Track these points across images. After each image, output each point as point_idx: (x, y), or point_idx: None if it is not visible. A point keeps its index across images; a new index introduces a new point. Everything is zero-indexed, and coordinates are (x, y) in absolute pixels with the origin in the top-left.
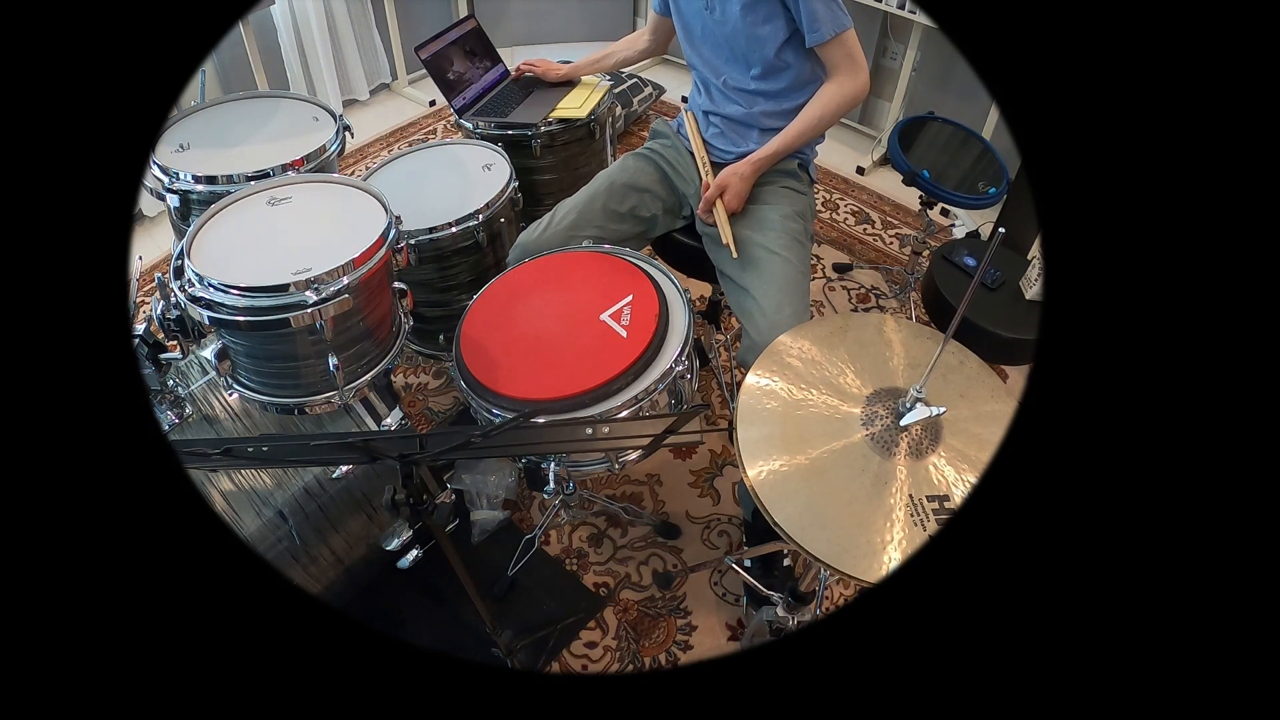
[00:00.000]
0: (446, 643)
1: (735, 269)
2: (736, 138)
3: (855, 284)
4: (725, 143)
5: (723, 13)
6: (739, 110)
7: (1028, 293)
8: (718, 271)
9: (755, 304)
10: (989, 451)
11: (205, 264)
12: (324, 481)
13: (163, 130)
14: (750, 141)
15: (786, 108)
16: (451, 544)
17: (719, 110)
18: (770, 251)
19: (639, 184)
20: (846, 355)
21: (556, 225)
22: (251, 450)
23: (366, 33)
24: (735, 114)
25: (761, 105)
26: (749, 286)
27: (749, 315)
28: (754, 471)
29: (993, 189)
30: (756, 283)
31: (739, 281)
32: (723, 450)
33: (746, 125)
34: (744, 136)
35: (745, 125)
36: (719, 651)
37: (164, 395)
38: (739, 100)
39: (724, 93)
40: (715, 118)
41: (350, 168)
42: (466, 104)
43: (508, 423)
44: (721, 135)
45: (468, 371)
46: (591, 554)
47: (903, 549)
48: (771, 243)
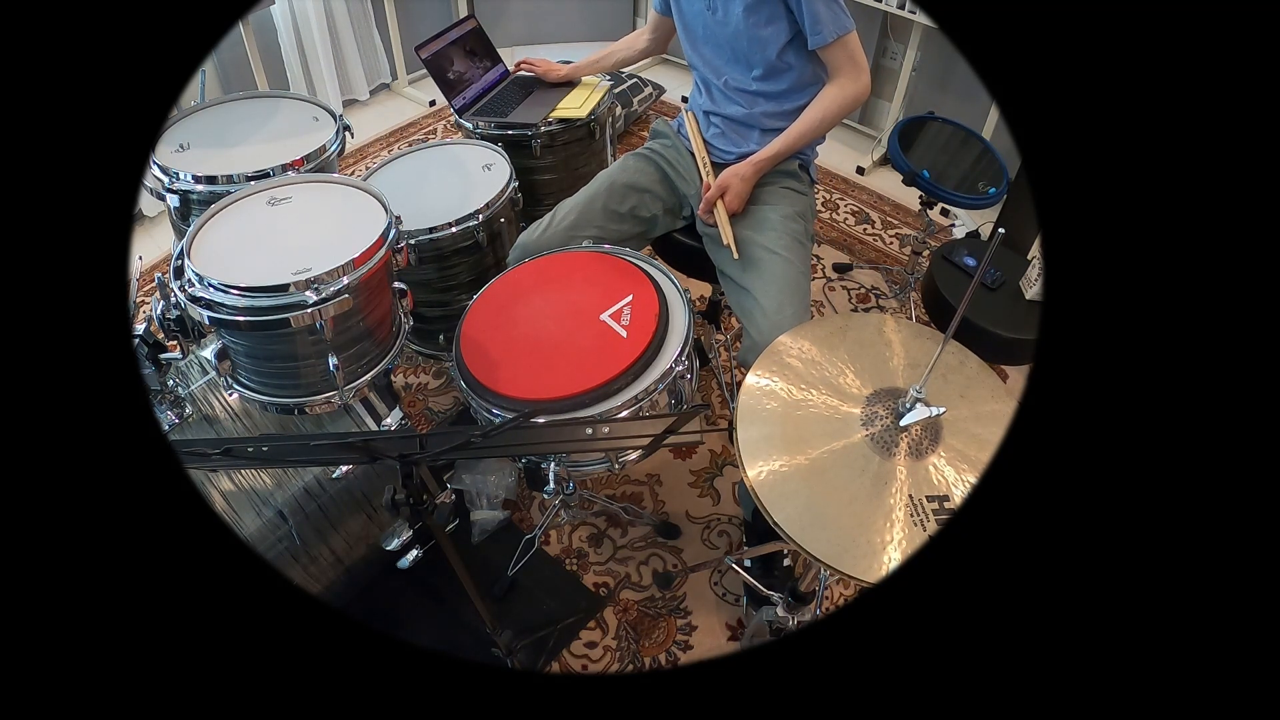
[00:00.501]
0: (446, 643)
1: (736, 269)
2: (737, 138)
3: (855, 284)
4: (726, 143)
5: (725, 14)
6: (740, 111)
7: (1028, 293)
8: (718, 272)
9: (756, 304)
10: (989, 452)
11: (205, 264)
12: (324, 481)
13: (163, 130)
14: (751, 142)
15: (788, 108)
16: (451, 544)
17: (720, 110)
18: (771, 252)
19: (639, 184)
20: (846, 355)
21: (557, 225)
22: (251, 450)
23: (366, 33)
24: (736, 114)
25: (763, 106)
26: (750, 287)
27: (750, 315)
28: (754, 472)
29: (993, 189)
30: (757, 283)
31: (740, 282)
32: (723, 450)
33: (747, 126)
34: (745, 137)
35: (746, 126)
36: (719, 651)
37: (164, 395)
38: (740, 101)
39: (725, 93)
40: (716, 118)
41: (350, 168)
42: (466, 104)
43: (508, 423)
44: (722, 135)
45: (468, 371)
46: (591, 554)
47: (903, 549)
48: (772, 243)
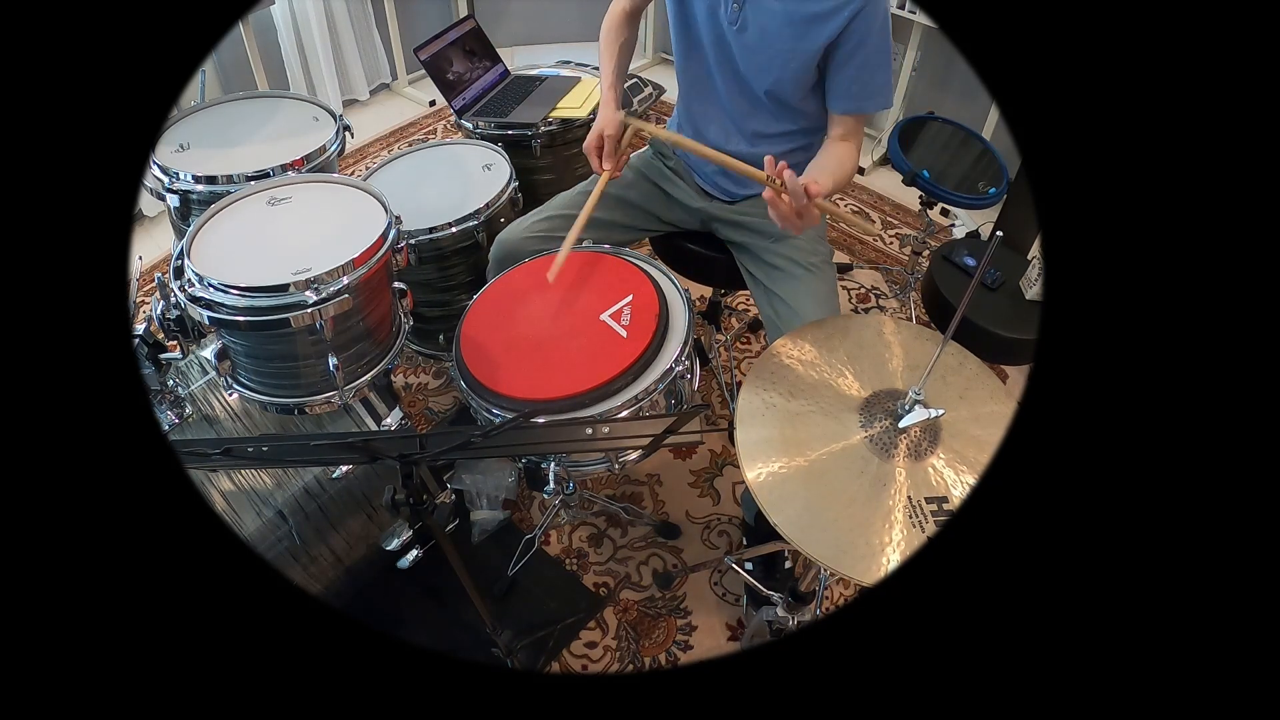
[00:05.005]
0: (446, 643)
1: (770, 278)
2: (742, 177)
3: (855, 284)
4: (731, 184)
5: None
6: (745, 149)
7: (1028, 293)
8: (745, 276)
9: (792, 312)
10: (988, 453)
11: (205, 264)
12: (324, 481)
13: (163, 130)
14: (756, 181)
15: (791, 148)
16: (451, 544)
17: (725, 148)
18: (801, 265)
19: (629, 199)
20: (846, 357)
21: (541, 227)
22: (251, 450)
23: (366, 33)
24: (742, 152)
25: (765, 147)
26: (786, 296)
27: (787, 324)
28: (753, 473)
29: (993, 189)
30: (794, 292)
31: (776, 290)
32: (723, 450)
33: (752, 163)
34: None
35: (751, 163)
36: (719, 651)
37: (164, 395)
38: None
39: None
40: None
41: (350, 168)
42: (466, 104)
43: (508, 423)
44: (724, 174)
45: (468, 371)
46: (591, 554)
47: (901, 551)
48: (804, 258)
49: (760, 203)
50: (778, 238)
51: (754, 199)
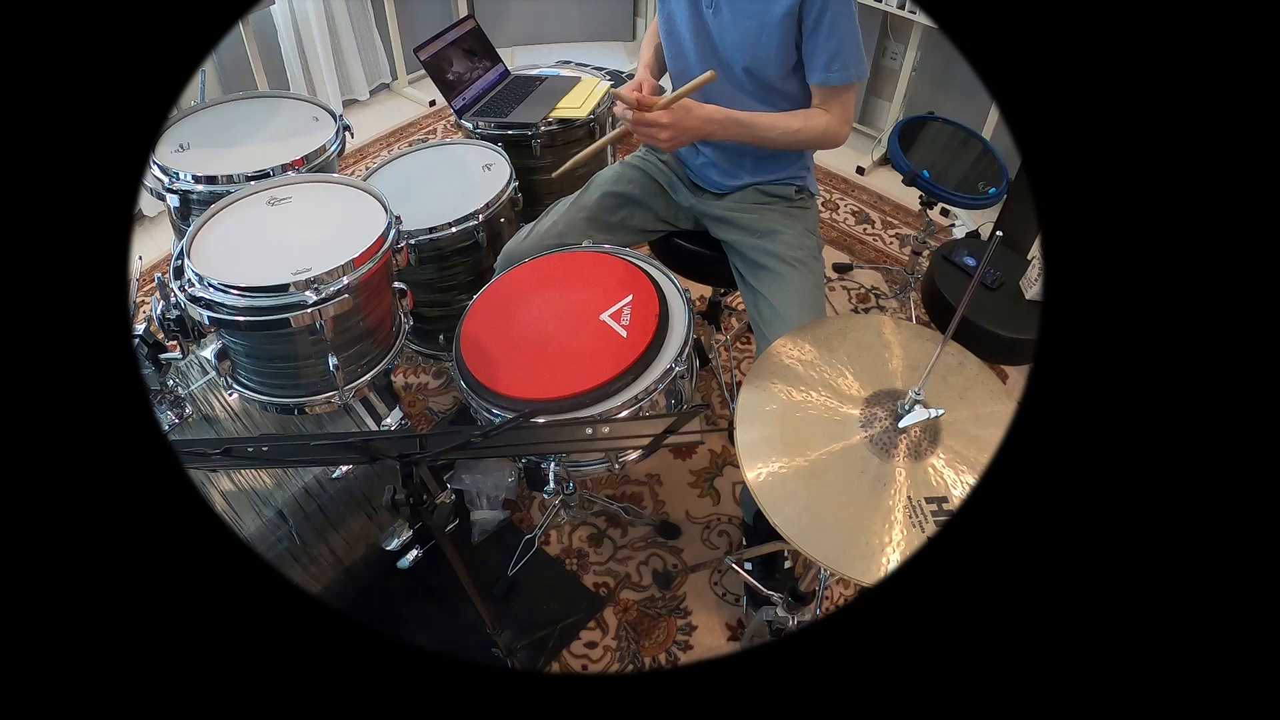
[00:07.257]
0: (446, 643)
1: (756, 277)
2: (730, 168)
3: (855, 284)
4: (719, 174)
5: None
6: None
7: (1028, 293)
8: (735, 275)
9: (776, 313)
10: (988, 453)
11: (205, 264)
12: (324, 481)
13: (163, 130)
14: (744, 171)
15: None
16: (451, 544)
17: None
18: (786, 262)
19: (632, 195)
20: (846, 357)
21: (545, 233)
22: (251, 450)
23: (366, 33)
24: (727, 143)
25: None
26: (769, 294)
27: (769, 324)
28: (753, 473)
29: (993, 189)
30: (777, 291)
31: (760, 289)
32: (723, 450)
33: (739, 153)
34: (738, 165)
35: (738, 153)
36: (719, 651)
37: (164, 395)
38: None
39: None
40: (705, 147)
41: (350, 168)
42: (466, 105)
43: (508, 423)
44: (713, 166)
45: (468, 371)
46: (591, 554)
47: (901, 551)
48: (788, 254)
49: (747, 198)
50: (763, 234)
51: (742, 192)
